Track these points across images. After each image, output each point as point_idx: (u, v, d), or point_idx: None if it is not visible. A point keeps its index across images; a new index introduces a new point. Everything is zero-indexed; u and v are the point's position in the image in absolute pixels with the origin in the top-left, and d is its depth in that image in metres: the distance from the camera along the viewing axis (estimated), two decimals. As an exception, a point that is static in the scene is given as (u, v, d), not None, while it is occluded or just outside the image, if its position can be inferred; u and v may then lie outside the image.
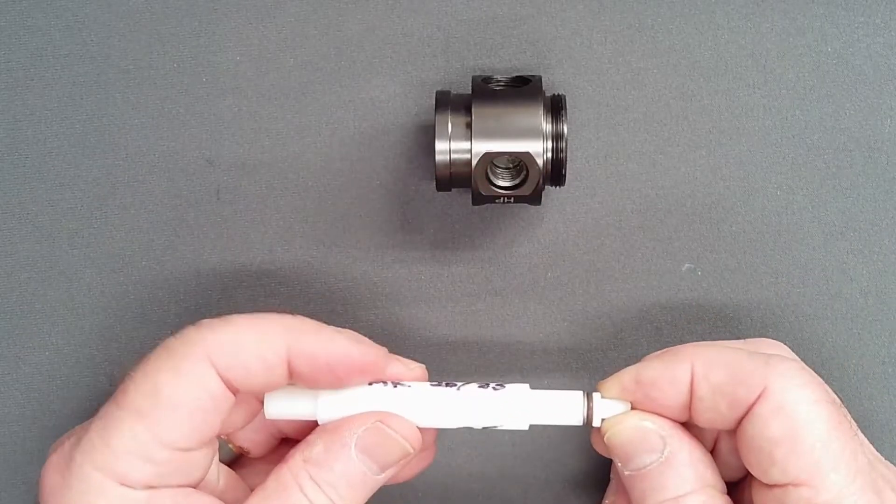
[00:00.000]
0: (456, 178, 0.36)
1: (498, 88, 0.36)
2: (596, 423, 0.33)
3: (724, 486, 0.33)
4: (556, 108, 0.36)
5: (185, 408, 0.31)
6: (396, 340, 0.40)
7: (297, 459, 0.32)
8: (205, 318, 0.40)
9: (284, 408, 0.34)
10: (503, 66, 0.39)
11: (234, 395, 0.32)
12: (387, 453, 0.33)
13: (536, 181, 0.35)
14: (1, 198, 0.40)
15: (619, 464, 0.33)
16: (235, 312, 0.40)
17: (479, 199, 0.36)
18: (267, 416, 0.34)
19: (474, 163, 0.35)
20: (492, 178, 0.36)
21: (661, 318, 0.40)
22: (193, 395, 0.31)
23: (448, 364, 0.40)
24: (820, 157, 0.39)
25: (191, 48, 0.40)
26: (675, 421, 0.33)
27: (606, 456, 0.35)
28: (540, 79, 0.36)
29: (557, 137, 0.35)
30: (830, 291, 0.40)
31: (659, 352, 0.34)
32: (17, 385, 0.41)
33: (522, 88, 0.36)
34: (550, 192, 0.39)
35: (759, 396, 0.31)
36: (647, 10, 0.39)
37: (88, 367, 0.40)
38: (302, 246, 0.40)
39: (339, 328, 0.34)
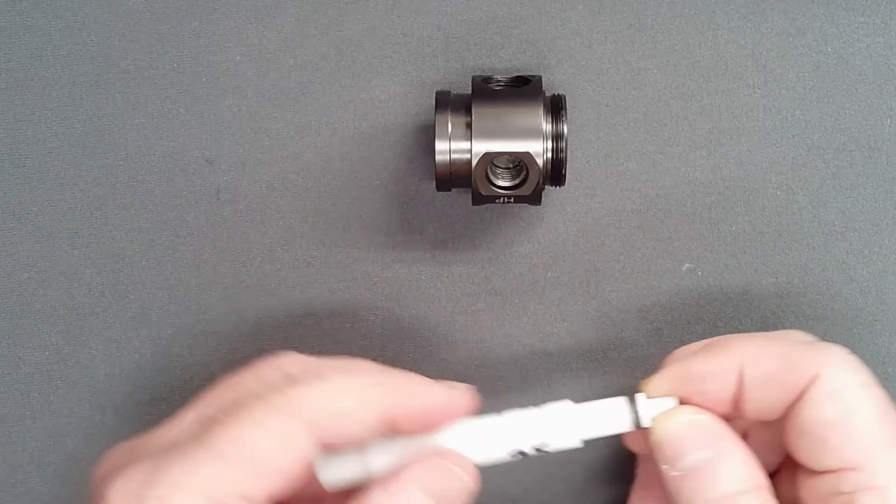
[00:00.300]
0: (456, 178, 0.36)
1: (498, 88, 0.36)
2: (646, 423, 0.33)
3: (772, 488, 0.32)
4: (556, 108, 0.36)
5: (274, 467, 0.30)
6: (396, 340, 0.40)
7: None
8: (204, 317, 0.40)
9: (339, 473, 0.32)
10: (503, 66, 0.39)
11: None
12: (449, 489, 0.31)
13: (536, 181, 0.35)
14: (1, 198, 0.40)
15: (665, 463, 0.32)
16: (234, 313, 0.40)
17: (479, 199, 0.36)
18: (326, 487, 0.32)
19: (474, 163, 0.35)
20: (492, 178, 0.36)
21: (661, 318, 0.40)
22: (285, 457, 0.30)
23: (448, 364, 0.40)
24: (820, 157, 0.39)
25: (191, 48, 0.40)
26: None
27: (640, 453, 0.34)
28: (540, 79, 0.36)
29: (557, 137, 0.35)
30: (830, 291, 0.40)
31: (697, 345, 0.34)
32: (17, 385, 0.41)
33: (522, 88, 0.36)
34: (550, 192, 0.39)
35: (810, 382, 0.31)
36: (647, 10, 0.39)
37: (88, 367, 0.40)
38: (302, 246, 0.40)
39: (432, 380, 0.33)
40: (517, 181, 0.36)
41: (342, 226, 0.40)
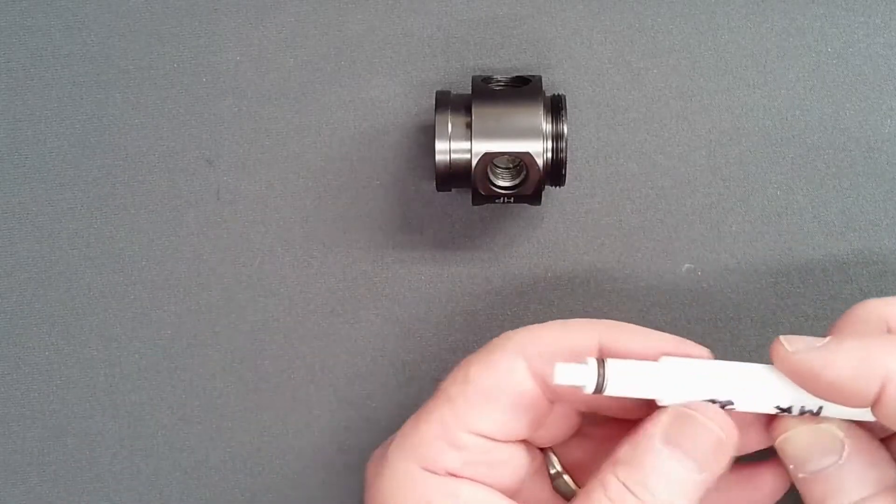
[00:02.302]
0: (456, 178, 0.36)
1: (498, 88, 0.36)
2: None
3: None
4: (556, 108, 0.36)
5: (493, 396, 0.31)
6: (396, 340, 0.40)
7: (603, 465, 0.30)
8: (204, 317, 0.40)
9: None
10: (503, 66, 0.39)
11: (551, 402, 0.32)
12: (696, 443, 0.30)
13: (536, 181, 0.35)
14: (1, 198, 0.40)
15: (791, 465, 0.31)
16: (234, 313, 0.40)
17: (479, 199, 0.36)
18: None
19: (474, 163, 0.35)
20: (492, 178, 0.36)
21: (661, 318, 0.40)
22: (501, 383, 0.31)
23: (448, 364, 0.40)
24: (820, 157, 0.39)
25: (191, 48, 0.40)
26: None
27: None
28: (540, 79, 0.36)
29: (557, 137, 0.35)
30: (830, 291, 0.40)
31: (849, 334, 0.31)
32: (17, 385, 0.41)
33: (522, 88, 0.36)
34: (550, 192, 0.39)
35: None
36: (647, 10, 0.39)
37: (88, 367, 0.40)
38: (302, 246, 0.40)
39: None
40: (517, 181, 0.36)
41: (342, 226, 0.40)
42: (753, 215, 0.40)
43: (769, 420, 0.32)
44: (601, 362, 0.30)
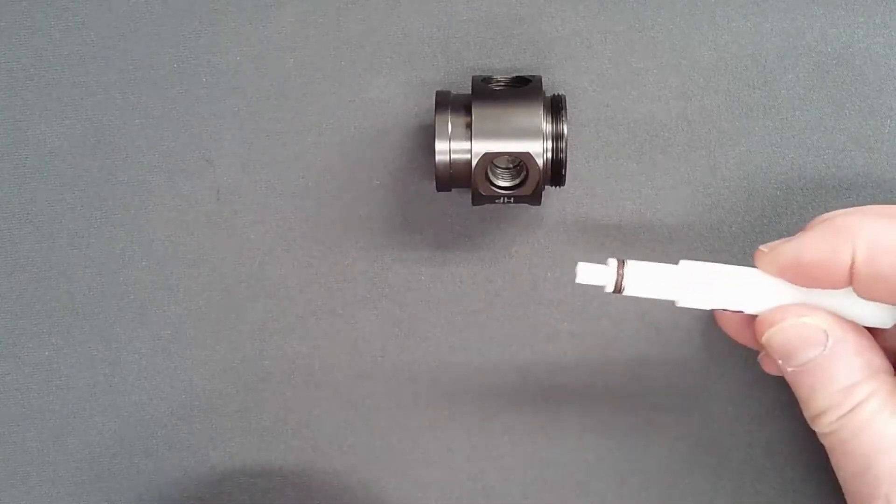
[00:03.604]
0: (456, 178, 0.36)
1: (498, 88, 0.36)
2: (628, 290, 0.32)
3: (892, 369, 0.32)
4: (556, 108, 0.36)
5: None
6: (396, 340, 0.40)
7: None
8: (205, 318, 0.40)
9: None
10: (503, 66, 0.39)
11: None
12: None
13: (536, 181, 0.35)
14: (1, 198, 0.40)
15: (780, 361, 0.32)
16: (234, 313, 0.40)
17: (479, 199, 0.36)
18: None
19: (474, 163, 0.35)
20: (492, 178, 0.36)
21: (661, 317, 0.40)
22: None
23: (448, 364, 0.40)
24: (820, 157, 0.39)
25: (191, 48, 0.40)
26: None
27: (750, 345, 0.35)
28: (540, 79, 0.36)
29: (557, 137, 0.35)
30: (830, 291, 0.40)
31: (819, 222, 0.33)
32: (17, 385, 0.41)
33: (522, 88, 0.36)
34: (550, 192, 0.39)
35: None
36: (647, 10, 0.39)
37: (88, 367, 0.40)
38: (302, 246, 0.40)
39: None
40: (517, 181, 0.36)
41: (342, 226, 0.40)
42: (753, 215, 0.40)
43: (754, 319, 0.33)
44: (621, 263, 0.31)
